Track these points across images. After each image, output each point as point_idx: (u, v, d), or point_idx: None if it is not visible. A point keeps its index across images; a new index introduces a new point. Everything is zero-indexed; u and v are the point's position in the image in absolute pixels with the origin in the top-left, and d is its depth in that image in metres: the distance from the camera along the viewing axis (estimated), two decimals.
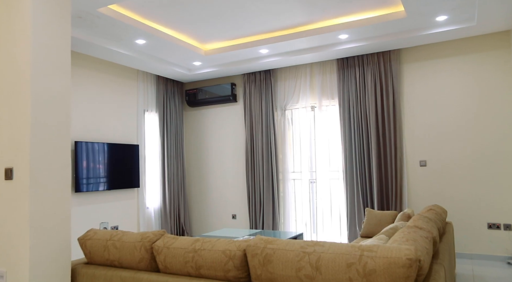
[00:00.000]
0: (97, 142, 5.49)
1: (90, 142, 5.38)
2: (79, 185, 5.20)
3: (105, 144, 5.60)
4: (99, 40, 5.01)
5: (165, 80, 6.88)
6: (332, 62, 6.09)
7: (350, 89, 5.89)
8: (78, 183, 5.19)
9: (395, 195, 5.48)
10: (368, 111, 5.73)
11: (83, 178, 5.26)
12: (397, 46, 5.49)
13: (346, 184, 5.85)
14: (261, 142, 6.49)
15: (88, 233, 2.88)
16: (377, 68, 5.70)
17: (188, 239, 2.55)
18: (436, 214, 3.56)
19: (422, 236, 2.40)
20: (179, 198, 6.95)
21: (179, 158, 7.03)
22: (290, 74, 6.42)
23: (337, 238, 6.02)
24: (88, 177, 5.32)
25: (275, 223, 6.34)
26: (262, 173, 6.45)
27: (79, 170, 5.21)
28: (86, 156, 5.31)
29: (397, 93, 5.57)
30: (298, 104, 6.39)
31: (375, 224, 4.55)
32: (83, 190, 5.24)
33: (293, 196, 6.41)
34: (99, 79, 5.67)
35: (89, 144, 5.36)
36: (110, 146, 5.68)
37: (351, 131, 5.86)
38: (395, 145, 5.55)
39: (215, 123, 7.07)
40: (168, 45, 5.39)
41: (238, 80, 6.91)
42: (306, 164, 6.27)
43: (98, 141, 5.58)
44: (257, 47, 5.58)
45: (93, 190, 5.38)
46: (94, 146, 5.44)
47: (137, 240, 2.65)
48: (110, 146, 5.68)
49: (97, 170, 5.46)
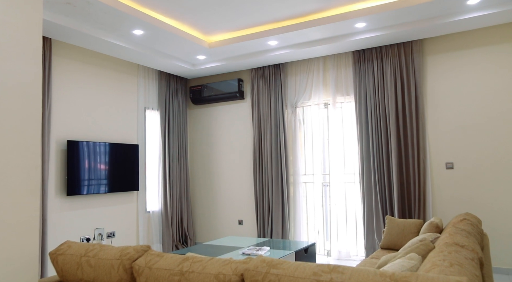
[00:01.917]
0: (93, 142, 5.07)
1: (85, 141, 4.96)
2: (72, 188, 4.79)
3: (102, 144, 5.19)
4: (93, 30, 4.59)
5: (168, 76, 6.45)
6: (348, 55, 5.59)
7: (367, 84, 5.38)
8: (70, 185, 4.77)
9: (418, 201, 4.95)
10: (387, 108, 5.21)
11: (76, 180, 4.84)
12: (420, 36, 4.96)
13: (363, 188, 5.33)
14: (270, 142, 6.01)
15: (61, 247, 2.44)
16: (397, 61, 5.18)
17: (175, 257, 2.09)
18: (472, 225, 3.04)
19: (467, 257, 1.90)
20: (182, 202, 6.50)
21: (183, 159, 6.59)
22: (301, 69, 5.93)
23: (353, 248, 5.50)
24: (82, 179, 4.91)
25: (285, 230, 5.85)
26: (271, 176, 5.97)
27: (72, 171, 4.80)
28: (80, 157, 4.90)
29: (419, 89, 5.04)
30: (310, 101, 5.90)
31: (397, 234, 4.03)
32: (76, 193, 4.83)
33: (305, 200, 5.92)
34: (95, 74, 5.26)
35: (84, 143, 4.95)
36: (107, 146, 5.26)
37: (369, 130, 5.34)
38: (418, 146, 5.02)
39: (221, 122, 6.62)
40: (168, 37, 4.95)
41: (245, 76, 6.44)
42: (318, 166, 5.77)
43: (94, 141, 5.16)
44: (265, 38, 5.11)
45: (87, 193, 4.96)
46: (90, 145, 5.02)
47: (115, 257, 2.20)
48: (107, 146, 5.27)
49: (93, 171, 5.05)
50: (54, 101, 4.74)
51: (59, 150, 4.77)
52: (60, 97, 4.81)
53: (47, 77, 4.57)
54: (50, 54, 4.63)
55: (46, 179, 4.47)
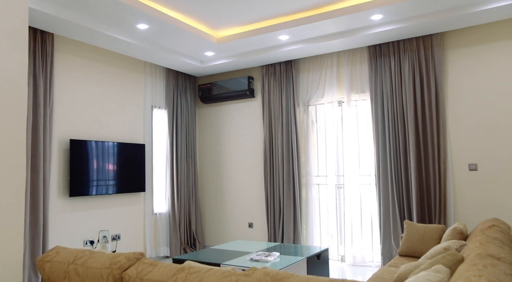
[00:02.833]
0: (97, 141, 4.90)
1: (89, 140, 4.79)
2: (75, 188, 4.62)
3: (107, 143, 5.01)
4: (96, 25, 4.42)
5: (176, 73, 6.25)
6: (363, 50, 5.31)
7: (383, 81, 5.09)
8: (73, 186, 4.60)
9: (438, 204, 4.64)
10: (405, 106, 4.92)
11: (80, 181, 4.67)
12: (441, 28, 4.66)
13: (379, 190, 5.04)
14: (282, 142, 5.76)
15: (48, 253, 2.24)
16: (416, 55, 4.88)
17: (169, 267, 1.87)
18: (502, 233, 2.74)
19: (507, 273, 1.62)
20: (190, 204, 6.29)
21: (191, 159, 6.38)
22: (314, 65, 5.67)
23: (368, 253, 5.21)
24: (86, 179, 4.74)
25: (296, 234, 5.59)
26: (282, 177, 5.72)
27: (75, 172, 4.63)
28: (84, 157, 4.73)
29: (440, 85, 4.74)
30: (323, 99, 5.63)
31: (417, 240, 3.74)
32: (79, 194, 4.65)
33: (317, 203, 5.65)
34: (100, 70, 5.09)
35: (88, 143, 4.78)
36: (112, 146, 5.08)
37: (385, 130, 5.05)
38: (438, 146, 4.71)
39: (230, 121, 6.39)
40: (174, 31, 4.75)
41: (255, 73, 6.21)
42: (332, 167, 5.50)
43: (99, 140, 4.99)
44: (276, 33, 4.87)
45: (91, 194, 4.79)
46: (94, 145, 4.85)
47: (105, 266, 1.98)
48: (113, 146, 5.09)
49: (97, 171, 4.87)
50: (56, 98, 4.58)
51: (62, 150, 4.61)
52: (63, 95, 4.65)
53: (48, 74, 4.41)
54: (52, 50, 4.47)
55: (47, 179, 4.31)
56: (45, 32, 4.40)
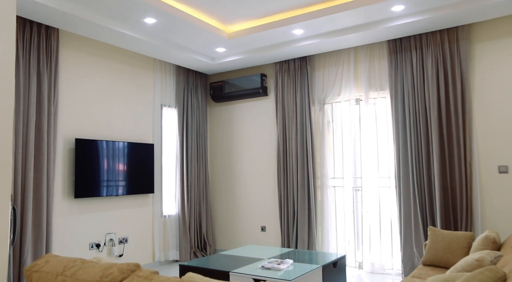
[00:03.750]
0: (104, 140, 4.73)
1: (95, 139, 4.62)
2: (80, 189, 4.45)
3: (114, 143, 4.84)
4: (102, 19, 4.24)
5: (186, 71, 6.05)
6: (382, 45, 5.01)
7: (404, 78, 4.79)
8: (78, 187, 4.43)
9: (465, 209, 4.32)
10: (428, 104, 4.61)
11: (85, 181, 4.50)
12: (467, 20, 4.34)
13: (399, 193, 4.74)
14: (296, 142, 5.50)
15: (37, 262, 2.04)
16: (439, 50, 4.57)
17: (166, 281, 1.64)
18: None
19: None
20: (201, 206, 6.08)
21: (202, 160, 6.17)
22: (330, 61, 5.39)
23: (388, 260, 4.91)
24: (92, 180, 4.56)
25: (311, 239, 5.32)
26: (296, 179, 5.46)
27: (80, 172, 4.46)
28: (90, 157, 4.56)
29: (466, 81, 4.42)
30: (339, 97, 5.35)
31: (443, 248, 3.44)
32: (85, 195, 4.48)
33: (333, 206, 5.37)
34: (107, 67, 4.92)
35: (94, 142, 4.60)
36: (120, 145, 4.90)
37: (406, 129, 4.75)
38: (464, 146, 4.39)
39: (243, 120, 6.16)
40: (183, 26, 4.54)
41: (268, 70, 5.96)
42: (349, 168, 5.22)
43: (105, 139, 4.82)
44: (290, 26, 4.62)
45: (98, 196, 4.61)
46: (100, 144, 4.68)
47: (95, 279, 1.77)
48: (120, 145, 4.91)
49: (104, 172, 4.69)
50: (61, 96, 4.42)
51: (67, 149, 4.44)
52: (68, 92, 4.49)
53: (53, 71, 4.25)
54: (57, 46, 4.31)
55: (51, 180, 4.14)
56: (49, 27, 4.25)
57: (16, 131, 3.88)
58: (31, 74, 4.04)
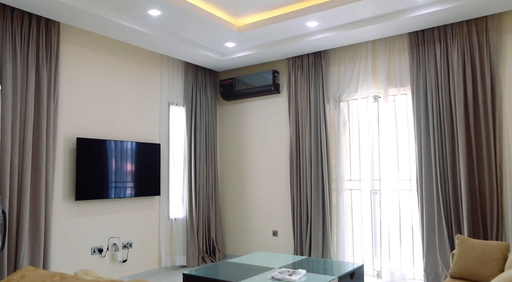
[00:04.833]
0: (107, 140, 4.50)
1: (98, 139, 4.39)
2: (82, 191, 4.22)
3: (118, 143, 4.60)
4: (104, 11, 4.00)
5: (195, 67, 5.80)
6: (402, 38, 4.67)
7: (427, 73, 4.44)
8: (80, 189, 4.20)
9: (495, 216, 3.95)
10: (453, 100, 4.26)
11: (87, 183, 4.27)
12: (498, 9, 3.98)
13: (421, 197, 4.40)
14: (310, 142, 5.19)
15: (11, 278, 1.78)
16: (466, 42, 4.21)
17: None
18: None
19: None
20: (210, 209, 5.81)
21: (211, 161, 5.90)
22: (346, 56, 5.07)
23: (409, 269, 4.56)
24: (94, 182, 4.33)
25: (326, 245, 5.00)
26: (310, 181, 5.15)
27: (82, 173, 4.23)
28: (92, 157, 4.33)
29: (496, 76, 4.05)
30: (356, 94, 5.02)
31: (474, 260, 3.09)
32: (86, 198, 4.26)
33: (350, 210, 5.04)
34: (111, 63, 4.70)
35: (96, 141, 4.38)
36: (124, 145, 4.67)
37: (429, 128, 4.40)
38: (494, 146, 4.03)
39: (254, 119, 5.88)
40: (190, 18, 4.28)
41: (281, 67, 5.67)
42: (366, 170, 4.88)
43: (109, 139, 4.59)
44: (303, 18, 4.32)
45: (100, 198, 4.38)
46: (103, 144, 4.45)
47: None
48: (125, 145, 4.68)
49: (107, 173, 4.46)
50: (61, 93, 4.20)
51: (67, 149, 4.22)
52: (69, 89, 4.27)
53: (53, 66, 4.03)
54: (58, 40, 4.09)
55: (50, 181, 3.92)
56: (50, 21, 4.03)
57: (13, 129, 3.68)
58: (29, 70, 3.83)
